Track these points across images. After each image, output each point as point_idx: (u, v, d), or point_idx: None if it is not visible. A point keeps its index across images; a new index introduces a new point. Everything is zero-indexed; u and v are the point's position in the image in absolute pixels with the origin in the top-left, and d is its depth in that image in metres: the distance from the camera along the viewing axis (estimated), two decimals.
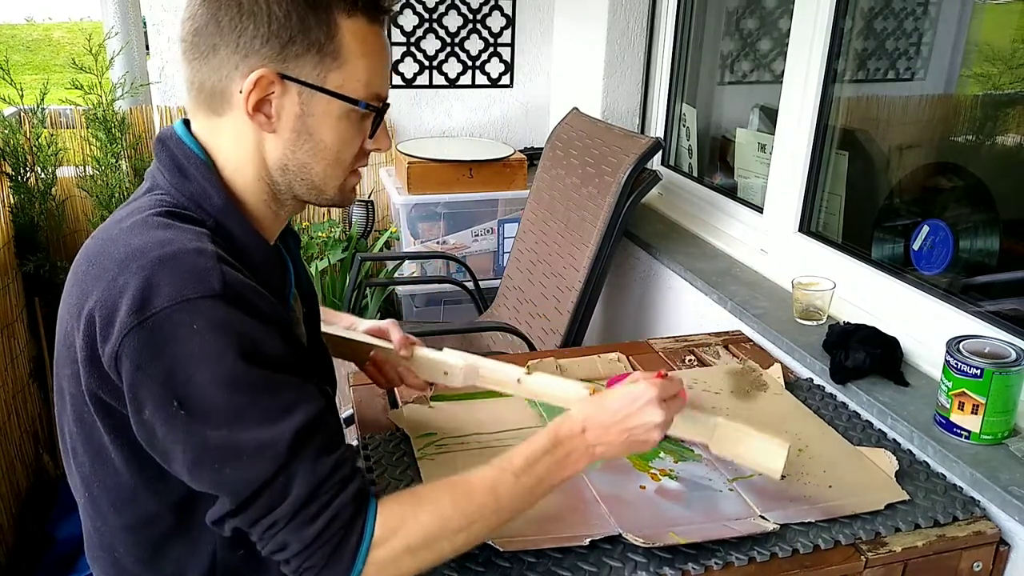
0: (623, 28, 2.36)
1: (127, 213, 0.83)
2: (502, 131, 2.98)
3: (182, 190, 0.84)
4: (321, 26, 0.80)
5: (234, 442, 0.74)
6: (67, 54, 8.43)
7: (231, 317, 0.74)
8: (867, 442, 1.26)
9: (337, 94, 0.83)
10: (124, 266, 0.74)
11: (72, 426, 0.84)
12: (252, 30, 0.79)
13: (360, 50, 0.83)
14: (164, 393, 0.73)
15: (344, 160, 0.87)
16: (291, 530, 0.76)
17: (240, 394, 0.74)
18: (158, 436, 0.75)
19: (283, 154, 0.85)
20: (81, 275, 0.79)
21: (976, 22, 1.59)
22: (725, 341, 1.62)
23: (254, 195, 0.87)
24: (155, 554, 0.87)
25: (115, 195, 2.36)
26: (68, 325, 0.80)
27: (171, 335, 0.72)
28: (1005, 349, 1.16)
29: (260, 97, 0.81)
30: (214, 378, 0.73)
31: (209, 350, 0.72)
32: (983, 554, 1.08)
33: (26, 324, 2.19)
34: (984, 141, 1.54)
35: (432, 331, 2.26)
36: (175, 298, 0.72)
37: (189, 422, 0.73)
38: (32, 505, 2.09)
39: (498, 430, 1.23)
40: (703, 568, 0.97)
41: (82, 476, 0.86)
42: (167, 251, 0.75)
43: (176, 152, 0.85)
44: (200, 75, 0.83)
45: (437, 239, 2.66)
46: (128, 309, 0.72)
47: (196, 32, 0.81)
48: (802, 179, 1.74)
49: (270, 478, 0.75)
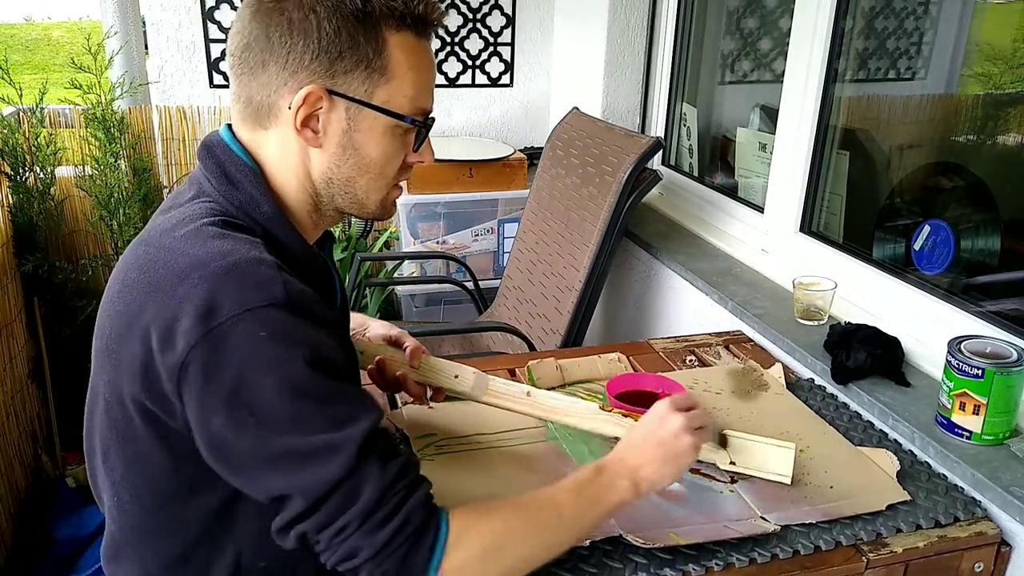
0: (623, 28, 2.36)
1: (177, 221, 0.82)
2: (502, 131, 2.98)
3: (230, 198, 0.85)
4: (370, 42, 0.81)
5: (304, 446, 0.74)
6: (66, 54, 8.42)
7: (295, 325, 0.75)
8: (868, 442, 1.25)
9: (384, 109, 0.84)
10: (184, 277, 0.75)
11: (106, 431, 0.84)
12: (302, 46, 0.80)
13: (407, 65, 0.84)
14: (234, 402, 0.73)
15: (388, 174, 0.89)
16: (362, 534, 0.75)
17: (308, 400, 0.74)
18: (229, 444, 0.75)
19: (328, 168, 0.86)
20: (132, 284, 0.79)
21: (977, 22, 1.59)
22: (726, 341, 1.62)
23: (297, 204, 0.88)
24: (182, 559, 0.88)
25: (114, 195, 2.36)
26: (112, 333, 0.79)
27: (238, 344, 0.72)
28: (1006, 349, 1.16)
29: (308, 113, 0.82)
30: (282, 385, 0.73)
31: (276, 357, 0.73)
32: (984, 555, 1.08)
33: (24, 324, 2.18)
34: (985, 141, 1.53)
35: (432, 331, 2.26)
36: (240, 307, 0.73)
37: (260, 428, 0.74)
38: (31, 505, 2.09)
39: (498, 431, 1.23)
40: (704, 569, 0.97)
41: (112, 481, 0.86)
42: (229, 261, 0.75)
43: (224, 159, 0.86)
44: (248, 89, 0.84)
45: (437, 239, 2.65)
46: (193, 320, 0.72)
47: (246, 47, 0.82)
48: (803, 179, 1.74)
49: (341, 479, 0.74)
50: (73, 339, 2.35)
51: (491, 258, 2.73)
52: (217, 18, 2.58)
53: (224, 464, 0.78)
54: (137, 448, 0.82)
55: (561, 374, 1.44)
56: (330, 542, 0.76)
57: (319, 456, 0.74)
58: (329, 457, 0.74)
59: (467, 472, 1.13)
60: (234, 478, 0.78)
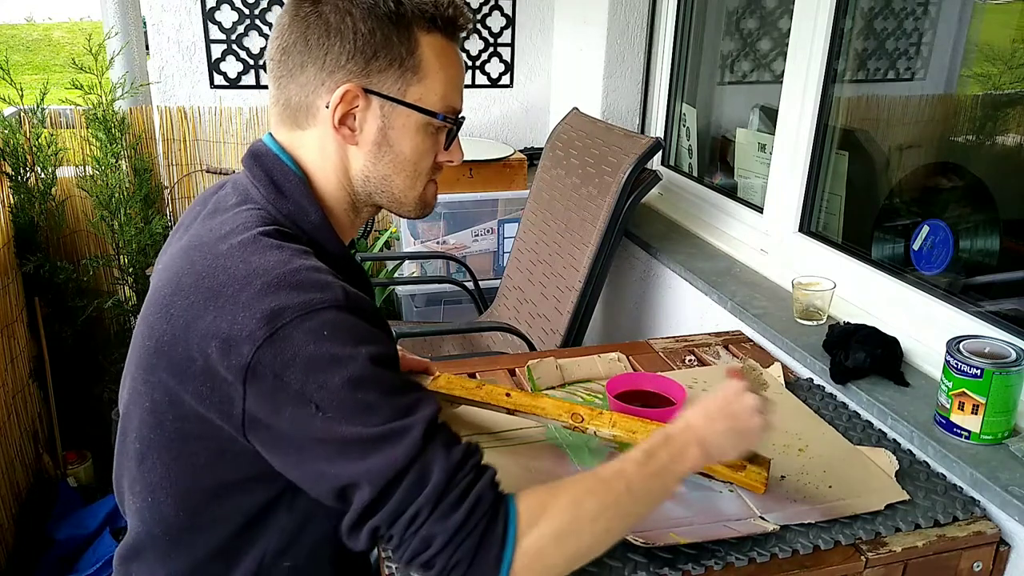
0: (623, 28, 2.36)
1: (230, 229, 0.84)
2: (502, 131, 2.98)
3: (279, 207, 0.88)
4: (403, 42, 0.86)
5: (372, 435, 0.76)
6: (67, 54, 8.43)
7: (355, 324, 0.79)
8: (867, 442, 1.26)
9: (417, 107, 0.88)
10: (247, 283, 0.77)
11: (148, 432, 0.86)
12: (339, 47, 0.84)
13: (438, 64, 0.88)
14: (302, 398, 0.75)
15: (421, 170, 0.92)
16: (436, 519, 0.75)
17: (372, 392, 0.77)
18: (298, 438, 0.77)
19: (364, 165, 0.90)
20: (189, 289, 0.80)
21: (976, 22, 1.59)
22: (725, 341, 1.62)
23: (337, 205, 0.92)
24: (210, 558, 0.90)
25: (115, 195, 2.36)
26: (166, 335, 0.80)
27: (303, 343, 0.75)
28: (1005, 349, 1.16)
29: (345, 111, 0.86)
30: (347, 379, 0.75)
31: (340, 354, 0.76)
32: (983, 554, 1.08)
33: (26, 324, 2.19)
34: (984, 141, 1.54)
35: (432, 331, 2.26)
36: (304, 309, 0.76)
37: (328, 422, 0.75)
38: (32, 505, 2.09)
39: (498, 431, 1.23)
40: (703, 568, 0.97)
41: (147, 482, 0.88)
42: (289, 268, 0.79)
43: (272, 168, 0.90)
44: (287, 92, 0.88)
45: (437, 239, 2.66)
46: (259, 323, 0.75)
47: (285, 51, 0.86)
48: (802, 179, 1.74)
49: (408, 464, 0.75)
50: (74, 339, 2.36)
51: (491, 258, 2.73)
52: (217, 19, 2.58)
53: (290, 458, 0.79)
54: (183, 448, 0.84)
55: (561, 374, 1.44)
56: (403, 534, 0.76)
57: (386, 442, 0.75)
58: (396, 442, 0.76)
59: None
60: (299, 471, 0.79)
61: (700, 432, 0.91)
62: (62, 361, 2.31)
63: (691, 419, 0.92)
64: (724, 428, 0.92)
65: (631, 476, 0.84)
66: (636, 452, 0.87)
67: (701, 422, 0.92)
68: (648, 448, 0.87)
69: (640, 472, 0.84)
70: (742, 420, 0.93)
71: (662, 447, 0.88)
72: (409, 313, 2.73)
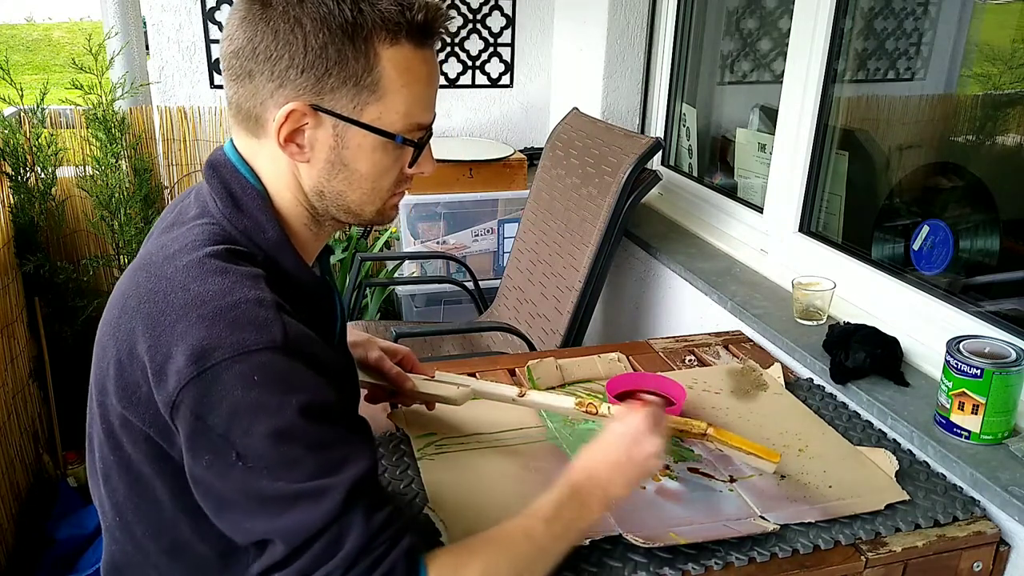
0: (623, 28, 2.36)
1: (180, 247, 0.79)
2: (502, 131, 2.98)
3: (235, 223, 0.82)
4: (359, 58, 0.77)
5: (291, 491, 0.72)
6: (67, 54, 8.42)
7: (290, 370, 0.74)
8: (867, 442, 1.26)
9: (373, 128, 0.80)
10: (183, 313, 0.73)
11: (108, 453, 0.83)
12: (287, 60, 0.77)
13: (401, 81, 0.80)
14: (223, 444, 0.72)
15: (381, 188, 0.85)
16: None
17: (298, 447, 0.73)
18: (215, 485, 0.74)
19: (318, 182, 0.83)
20: (132, 312, 0.77)
21: (976, 22, 1.59)
22: (725, 341, 1.62)
23: (296, 220, 0.86)
24: None
25: (115, 195, 2.36)
26: (113, 359, 0.78)
27: (231, 387, 0.71)
28: (1005, 349, 1.16)
29: (293, 128, 0.79)
30: (273, 431, 0.72)
31: (268, 403, 0.72)
32: (983, 554, 1.08)
33: (26, 324, 2.19)
34: (984, 141, 1.54)
35: (432, 331, 2.26)
36: (236, 350, 0.71)
37: (247, 473, 0.72)
38: (32, 505, 2.09)
39: (498, 430, 1.23)
40: (703, 568, 0.97)
41: (114, 502, 0.85)
42: (228, 301, 0.73)
43: (230, 180, 0.84)
44: (238, 96, 0.81)
45: (437, 239, 2.66)
46: (188, 359, 0.71)
47: (234, 54, 0.79)
48: (802, 179, 1.74)
49: (324, 527, 0.73)
50: (74, 339, 2.36)
51: (491, 258, 2.73)
52: (218, 18, 2.58)
53: (209, 504, 0.76)
54: (140, 471, 0.81)
55: (561, 374, 1.44)
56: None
57: (305, 501, 0.72)
58: (315, 502, 0.72)
59: (467, 472, 1.13)
60: (217, 519, 0.77)
61: (602, 482, 0.92)
62: (62, 361, 2.30)
63: (594, 468, 0.93)
64: (627, 478, 0.94)
65: (540, 536, 0.85)
66: (544, 508, 0.87)
67: (604, 471, 0.93)
68: (555, 504, 0.88)
69: (548, 532, 0.85)
70: (643, 467, 0.95)
71: (568, 503, 0.88)
72: (409, 313, 2.73)
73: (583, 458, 0.95)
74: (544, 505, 0.88)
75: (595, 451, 0.95)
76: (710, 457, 1.18)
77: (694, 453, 1.20)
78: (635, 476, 0.94)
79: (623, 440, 0.95)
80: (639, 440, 0.94)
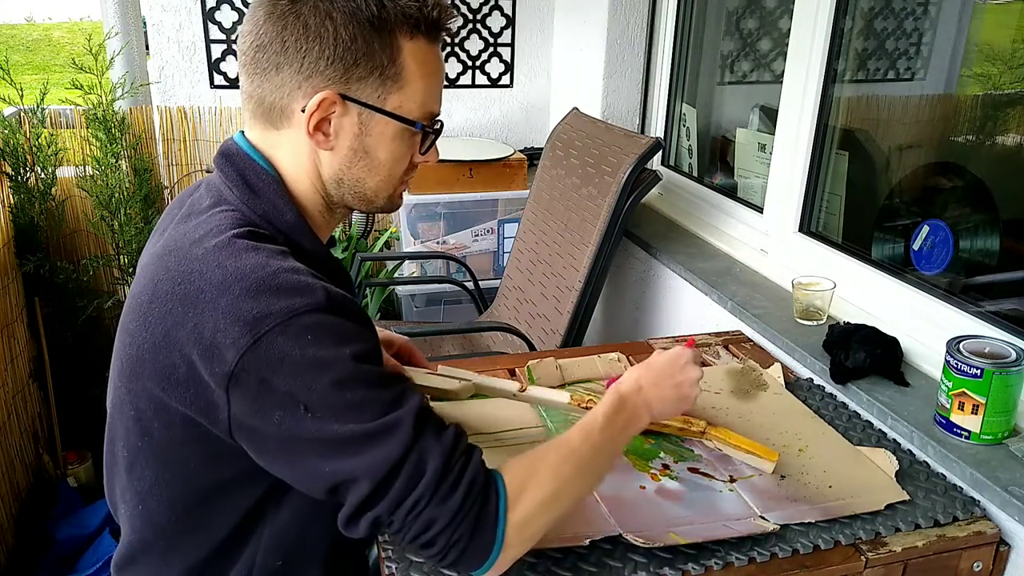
0: (623, 28, 2.36)
1: (204, 232, 0.82)
2: (502, 131, 2.98)
3: (253, 208, 0.86)
4: (385, 49, 0.83)
5: (364, 430, 0.76)
6: (67, 54, 8.42)
7: (337, 324, 0.78)
8: (867, 442, 1.26)
9: (396, 116, 0.86)
10: (224, 289, 0.76)
11: (135, 440, 0.85)
12: (317, 52, 0.81)
13: (419, 71, 0.86)
14: (291, 401, 0.75)
15: (396, 174, 0.91)
16: (436, 503, 0.77)
17: (359, 390, 0.77)
18: (290, 440, 0.77)
19: (338, 169, 0.88)
20: (165, 295, 0.79)
21: (976, 22, 1.59)
22: (725, 341, 1.62)
23: (312, 206, 0.91)
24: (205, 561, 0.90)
25: (115, 195, 2.36)
26: (146, 343, 0.80)
27: (288, 348, 0.75)
28: (1005, 349, 1.16)
29: (321, 117, 0.84)
30: (335, 380, 0.76)
31: (325, 357, 0.76)
32: (983, 554, 1.08)
33: (26, 324, 2.19)
34: (984, 141, 1.54)
35: (432, 331, 2.26)
36: (287, 314, 0.75)
37: (319, 422, 0.76)
38: (32, 505, 2.09)
39: (498, 430, 1.23)
40: (703, 568, 0.97)
41: (138, 490, 0.88)
42: (267, 271, 0.78)
43: (245, 168, 0.88)
44: (260, 90, 0.85)
45: (437, 239, 2.66)
46: (241, 330, 0.75)
47: (259, 48, 0.83)
48: (802, 179, 1.74)
49: (404, 456, 0.77)
50: (74, 339, 2.36)
51: (491, 258, 2.73)
52: (218, 18, 2.58)
53: (282, 461, 0.79)
54: (172, 455, 0.84)
55: (561, 374, 1.44)
56: (404, 519, 0.78)
57: (380, 437, 0.76)
58: (390, 435, 0.77)
59: None
60: (293, 472, 0.80)
61: (648, 396, 1.00)
62: (62, 361, 2.30)
63: (641, 381, 1.01)
64: (669, 395, 1.03)
65: (596, 440, 0.91)
66: (597, 417, 0.94)
67: (650, 388, 1.01)
68: (607, 412, 0.95)
69: (603, 436, 0.92)
70: (684, 389, 1.04)
71: (619, 412, 0.96)
72: (409, 313, 2.73)
73: (631, 373, 1.03)
74: (598, 414, 0.95)
75: (643, 369, 1.04)
76: (710, 457, 1.18)
77: (694, 453, 1.20)
78: (675, 399, 1.03)
79: (668, 365, 1.05)
80: (683, 367, 1.05)
